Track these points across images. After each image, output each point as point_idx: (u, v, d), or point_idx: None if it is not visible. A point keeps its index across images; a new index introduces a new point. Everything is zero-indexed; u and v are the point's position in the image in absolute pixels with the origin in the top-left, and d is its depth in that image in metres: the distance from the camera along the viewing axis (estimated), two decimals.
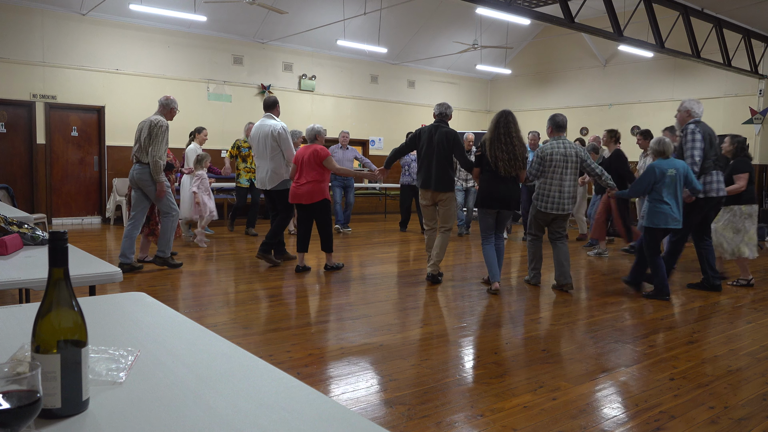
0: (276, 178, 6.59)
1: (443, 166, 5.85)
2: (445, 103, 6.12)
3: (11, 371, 0.84)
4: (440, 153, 5.84)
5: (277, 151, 6.55)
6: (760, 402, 3.12)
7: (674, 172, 5.41)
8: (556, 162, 5.62)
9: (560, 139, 5.76)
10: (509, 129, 5.48)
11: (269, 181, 6.62)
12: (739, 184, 6.11)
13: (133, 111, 10.97)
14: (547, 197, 5.69)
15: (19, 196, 9.59)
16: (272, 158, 6.56)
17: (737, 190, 6.10)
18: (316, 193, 6.22)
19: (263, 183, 6.70)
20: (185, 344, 1.36)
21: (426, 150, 5.92)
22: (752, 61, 11.46)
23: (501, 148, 5.44)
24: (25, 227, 2.84)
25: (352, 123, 13.86)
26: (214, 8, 10.58)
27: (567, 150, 5.66)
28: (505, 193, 5.55)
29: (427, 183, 5.92)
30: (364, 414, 2.85)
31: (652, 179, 5.43)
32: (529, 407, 2.97)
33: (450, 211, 5.98)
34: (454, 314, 4.89)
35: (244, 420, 0.96)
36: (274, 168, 6.57)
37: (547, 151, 5.68)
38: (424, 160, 5.94)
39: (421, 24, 13.41)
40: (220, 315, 4.70)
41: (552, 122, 5.85)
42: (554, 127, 5.83)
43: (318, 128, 6.43)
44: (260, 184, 6.78)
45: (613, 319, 4.84)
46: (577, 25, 8.66)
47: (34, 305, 1.47)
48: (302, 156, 6.26)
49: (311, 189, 6.20)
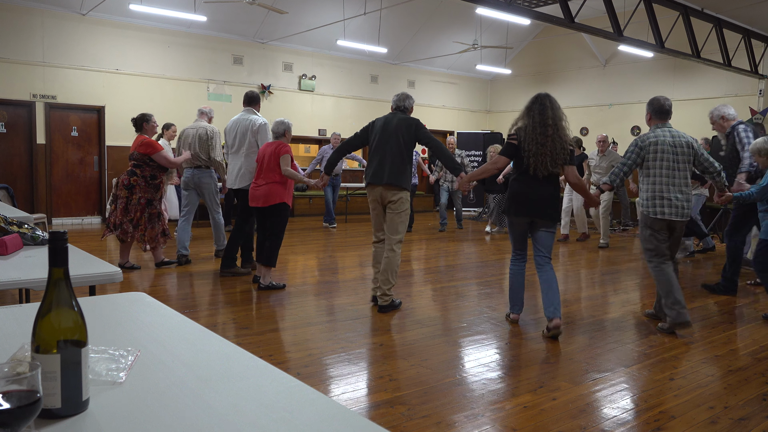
0: (249, 176, 5.94)
1: (400, 158, 4.72)
2: (402, 93, 4.99)
3: (11, 371, 0.84)
4: (397, 142, 4.72)
5: (254, 148, 5.97)
6: (760, 402, 3.12)
7: None
8: (665, 154, 4.39)
9: (665, 126, 4.52)
10: (545, 117, 4.19)
11: (240, 179, 6.00)
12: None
13: (133, 111, 10.90)
14: (661, 198, 4.37)
15: (19, 196, 9.59)
16: (247, 155, 5.98)
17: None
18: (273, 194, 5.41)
19: (233, 181, 6.08)
20: (185, 344, 1.36)
21: (379, 138, 4.78)
22: (752, 61, 11.46)
23: (535, 140, 4.17)
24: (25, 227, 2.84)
25: (352, 123, 13.85)
26: (214, 8, 10.58)
27: (676, 140, 4.44)
28: (540, 197, 4.23)
29: (378, 176, 4.73)
30: (364, 414, 2.85)
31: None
32: (529, 407, 2.97)
33: (400, 218, 4.75)
34: (454, 314, 4.89)
35: (244, 420, 0.96)
36: (248, 166, 5.97)
37: (650, 140, 4.43)
38: (377, 151, 4.78)
39: (421, 24, 13.42)
40: (220, 315, 4.70)
41: (652, 107, 4.56)
42: (654, 112, 4.55)
43: (288, 123, 5.64)
44: (230, 182, 6.14)
45: (613, 319, 4.84)
46: (577, 25, 8.66)
47: (34, 305, 1.47)
48: (263, 153, 5.51)
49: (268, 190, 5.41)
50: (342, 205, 12.40)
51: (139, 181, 6.12)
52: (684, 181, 4.40)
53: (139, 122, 6.35)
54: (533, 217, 4.26)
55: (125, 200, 6.09)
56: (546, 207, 4.23)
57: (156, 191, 6.24)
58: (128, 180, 6.12)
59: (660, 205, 4.36)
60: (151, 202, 6.17)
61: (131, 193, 6.10)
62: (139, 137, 6.27)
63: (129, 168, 6.24)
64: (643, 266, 7.41)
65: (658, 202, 4.37)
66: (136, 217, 6.10)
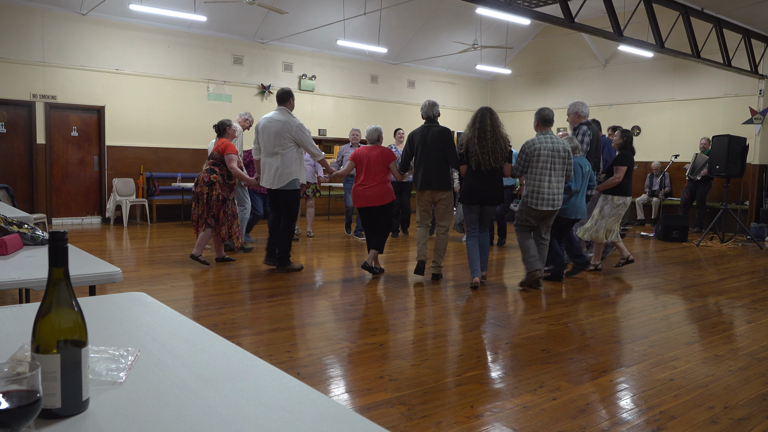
0: (286, 176, 6.13)
1: (440, 166, 5.83)
2: (429, 102, 6.04)
3: (11, 371, 0.84)
4: (436, 152, 5.81)
5: (289, 147, 6.11)
6: (760, 402, 3.12)
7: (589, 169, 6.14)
8: (543, 157, 5.56)
9: (547, 134, 5.69)
10: (485, 125, 5.51)
11: (278, 179, 6.15)
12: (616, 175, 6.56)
13: (133, 111, 10.98)
14: (537, 193, 5.60)
15: (19, 196, 9.59)
16: (284, 155, 6.10)
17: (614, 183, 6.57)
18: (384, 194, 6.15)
19: (271, 182, 6.21)
20: (185, 344, 1.36)
21: (422, 152, 5.88)
22: (752, 61, 11.46)
23: (478, 143, 5.49)
24: (25, 227, 2.84)
25: (353, 123, 13.84)
26: (214, 8, 10.58)
27: (554, 145, 5.59)
28: (487, 188, 5.60)
29: (427, 184, 5.88)
30: (364, 414, 2.85)
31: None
32: (529, 407, 2.97)
33: (448, 209, 5.97)
34: (454, 314, 4.89)
35: (244, 420, 0.96)
36: (286, 165, 6.12)
37: (534, 146, 5.59)
38: (421, 162, 5.88)
39: (421, 24, 13.41)
40: (220, 315, 4.70)
41: (539, 116, 5.78)
42: (540, 121, 5.77)
43: (380, 128, 6.53)
44: (267, 182, 6.26)
45: (613, 319, 4.84)
46: (577, 25, 8.66)
47: (34, 305, 1.47)
48: (367, 156, 6.19)
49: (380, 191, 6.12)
50: (342, 206, 12.39)
51: (218, 178, 6.45)
52: (557, 179, 5.58)
53: (221, 128, 6.76)
54: (482, 203, 5.70)
55: (206, 196, 6.43)
56: (491, 196, 5.63)
57: (230, 191, 6.58)
58: (208, 177, 6.44)
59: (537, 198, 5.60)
60: (226, 200, 6.49)
61: (211, 190, 6.43)
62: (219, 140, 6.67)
63: (208, 167, 6.54)
64: (643, 266, 7.42)
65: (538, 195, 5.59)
66: (219, 214, 6.45)
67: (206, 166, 6.56)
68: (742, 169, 9.82)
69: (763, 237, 10.40)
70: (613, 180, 6.55)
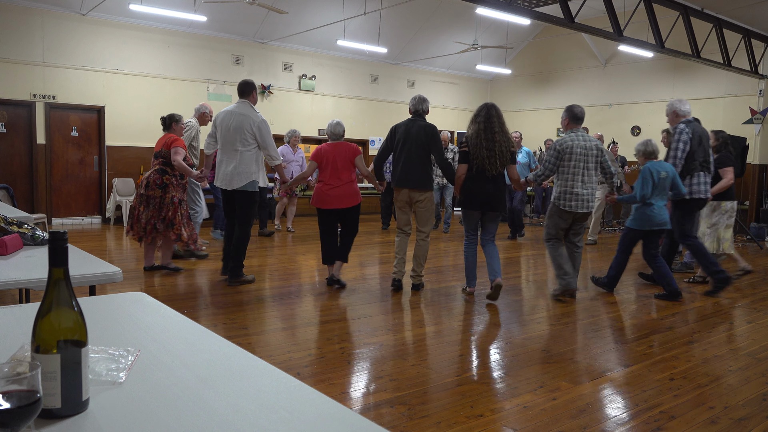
0: (245, 176, 5.53)
1: (422, 163, 5.33)
2: (419, 96, 5.55)
3: (11, 371, 0.84)
4: (418, 148, 5.31)
5: (251, 145, 5.54)
6: (760, 402, 3.12)
7: (666, 174, 5.39)
8: (576, 156, 5.18)
9: (578, 131, 5.31)
10: (491, 124, 4.98)
11: (235, 179, 5.53)
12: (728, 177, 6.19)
13: (133, 111, 10.98)
14: (571, 194, 5.22)
15: (19, 196, 9.59)
16: (243, 153, 5.51)
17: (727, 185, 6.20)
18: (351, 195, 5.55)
19: (227, 181, 5.57)
20: (185, 344, 1.36)
21: (402, 145, 5.36)
22: (752, 61, 11.46)
23: (481, 144, 4.97)
24: (25, 227, 2.84)
25: (352, 123, 13.86)
26: (214, 8, 10.58)
27: (587, 143, 5.24)
28: (489, 193, 5.04)
29: (404, 181, 5.37)
30: (364, 414, 2.85)
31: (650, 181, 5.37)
32: (529, 407, 2.97)
33: (428, 212, 5.45)
34: (453, 314, 4.89)
35: (244, 420, 0.96)
36: (245, 164, 5.53)
37: (566, 144, 5.21)
38: (401, 156, 5.36)
39: (421, 24, 13.41)
40: (220, 315, 4.70)
41: (569, 113, 5.36)
42: (571, 118, 5.35)
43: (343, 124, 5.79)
44: (222, 182, 5.62)
45: (613, 319, 4.84)
46: (577, 25, 8.66)
47: (34, 305, 1.47)
48: (332, 153, 5.53)
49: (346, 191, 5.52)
50: None
51: (171, 180, 5.98)
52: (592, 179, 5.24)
53: (168, 122, 6.23)
54: (483, 209, 5.14)
55: (159, 199, 5.92)
56: (493, 201, 5.08)
57: (183, 191, 6.16)
58: (161, 179, 5.93)
59: (570, 200, 5.22)
60: (182, 201, 6.05)
61: (165, 192, 5.94)
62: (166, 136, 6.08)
63: (156, 167, 6.01)
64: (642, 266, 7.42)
65: (571, 197, 5.21)
66: (169, 216, 5.92)
67: (156, 166, 6.01)
68: (742, 169, 9.82)
69: (763, 237, 10.40)
70: (725, 183, 6.14)
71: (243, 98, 5.68)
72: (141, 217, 5.94)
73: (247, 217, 5.64)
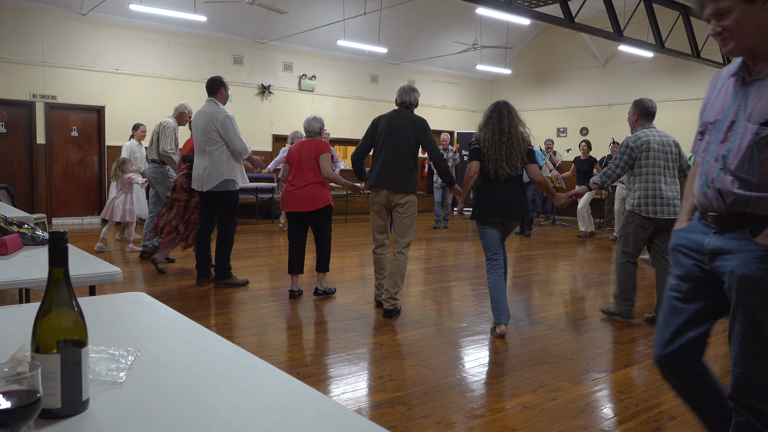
0: (216, 176, 5.35)
1: (405, 160, 4.61)
2: (407, 86, 4.99)
3: (11, 371, 0.84)
4: (402, 143, 4.60)
5: (218, 144, 5.34)
6: None
7: None
8: (655, 153, 4.43)
9: (651, 127, 4.56)
10: (502, 125, 4.26)
11: (207, 180, 5.36)
12: None
13: (133, 111, 10.97)
14: (654, 198, 4.39)
15: (19, 196, 9.59)
16: (211, 152, 5.33)
17: None
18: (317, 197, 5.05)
19: (200, 183, 5.42)
20: (185, 344, 1.36)
21: (384, 139, 4.65)
22: None
23: (495, 146, 4.24)
24: (25, 227, 2.84)
25: (352, 123, 13.86)
26: (214, 8, 10.58)
27: (664, 139, 4.50)
28: (509, 199, 4.25)
29: (384, 181, 4.61)
30: (364, 414, 2.85)
31: None
32: (529, 407, 2.97)
33: (409, 219, 4.64)
34: (454, 314, 4.89)
35: (244, 420, 0.96)
36: (214, 164, 5.35)
37: (641, 139, 4.46)
38: (381, 152, 4.66)
39: (421, 24, 13.42)
40: (220, 315, 4.70)
41: (638, 108, 4.59)
42: (641, 113, 4.58)
43: (322, 119, 5.34)
44: (197, 184, 5.48)
45: (613, 319, 4.83)
46: (577, 25, 8.66)
47: (34, 305, 1.47)
48: (299, 152, 5.12)
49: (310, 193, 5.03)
50: (342, 206, 12.40)
51: None
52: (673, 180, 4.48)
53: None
54: (504, 218, 4.30)
55: (184, 203, 5.99)
56: (513, 208, 4.27)
57: None
58: (188, 183, 5.91)
59: (655, 204, 4.40)
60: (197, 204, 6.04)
61: (191, 196, 5.98)
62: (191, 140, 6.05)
63: (185, 171, 6.00)
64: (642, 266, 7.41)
65: (654, 200, 4.40)
66: (191, 220, 5.98)
67: (184, 170, 6.02)
68: None
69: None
70: None
71: (211, 96, 5.57)
72: (160, 219, 6.06)
73: (227, 218, 5.50)
